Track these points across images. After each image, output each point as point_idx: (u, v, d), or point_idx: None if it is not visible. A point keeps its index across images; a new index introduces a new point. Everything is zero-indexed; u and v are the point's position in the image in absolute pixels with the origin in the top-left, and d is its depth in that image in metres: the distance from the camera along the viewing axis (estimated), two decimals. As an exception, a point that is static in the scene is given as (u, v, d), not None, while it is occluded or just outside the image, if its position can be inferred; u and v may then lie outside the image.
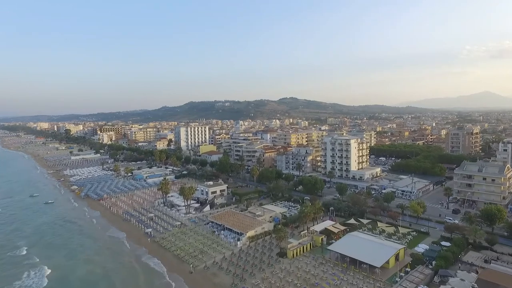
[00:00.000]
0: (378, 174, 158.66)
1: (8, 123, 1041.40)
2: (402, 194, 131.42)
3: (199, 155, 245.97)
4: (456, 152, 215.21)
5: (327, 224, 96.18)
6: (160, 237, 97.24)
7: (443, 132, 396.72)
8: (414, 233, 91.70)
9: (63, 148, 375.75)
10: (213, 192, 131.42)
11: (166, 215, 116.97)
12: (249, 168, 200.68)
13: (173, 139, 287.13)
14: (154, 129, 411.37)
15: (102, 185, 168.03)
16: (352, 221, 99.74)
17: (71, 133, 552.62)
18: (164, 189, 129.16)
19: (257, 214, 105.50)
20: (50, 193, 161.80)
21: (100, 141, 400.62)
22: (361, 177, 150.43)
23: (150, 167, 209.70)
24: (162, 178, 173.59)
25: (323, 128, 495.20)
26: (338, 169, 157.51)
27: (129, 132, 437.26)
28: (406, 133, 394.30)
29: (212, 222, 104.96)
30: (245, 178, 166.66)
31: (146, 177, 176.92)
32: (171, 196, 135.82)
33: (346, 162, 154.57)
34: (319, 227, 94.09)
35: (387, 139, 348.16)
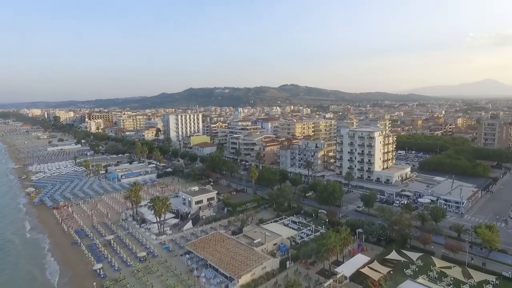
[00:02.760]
0: (408, 175, 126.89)
1: (3, 109, 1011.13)
2: (446, 205, 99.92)
3: (190, 147, 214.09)
4: (490, 146, 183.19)
5: (359, 262, 64.83)
6: (112, 279, 66.03)
7: (459, 121, 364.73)
8: (495, 280, 60.24)
9: (45, 137, 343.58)
10: (198, 202, 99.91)
11: (131, 238, 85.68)
12: (247, 164, 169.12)
13: (161, 129, 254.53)
14: (144, 117, 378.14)
15: (66, 186, 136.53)
16: (394, 254, 68.25)
17: (60, 120, 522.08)
18: (133, 198, 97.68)
19: (255, 242, 73.85)
20: None
21: (88, 129, 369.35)
22: (388, 179, 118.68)
23: (130, 163, 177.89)
24: (140, 177, 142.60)
25: (327, 116, 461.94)
26: (358, 169, 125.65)
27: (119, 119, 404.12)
28: (419, 122, 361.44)
29: (191, 252, 73.68)
30: (241, 178, 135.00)
31: (121, 176, 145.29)
32: (145, 205, 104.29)
33: (369, 160, 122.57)
34: (348, 267, 62.79)
35: (399, 129, 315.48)
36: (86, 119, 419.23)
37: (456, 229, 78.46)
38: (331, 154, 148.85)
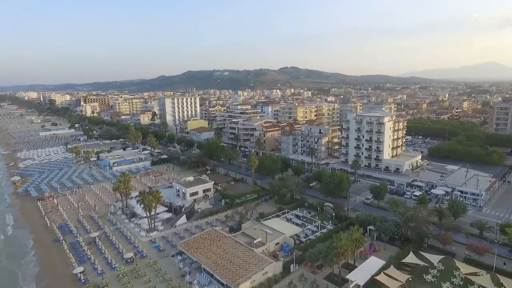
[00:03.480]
0: (419, 164, 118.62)
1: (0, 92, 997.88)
2: (462, 197, 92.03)
3: (187, 132, 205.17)
4: (502, 131, 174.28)
5: (373, 267, 57.12)
6: (93, 285, 58.53)
7: (465, 104, 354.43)
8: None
9: (39, 121, 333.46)
10: (192, 194, 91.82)
11: (119, 234, 78.00)
12: (246, 150, 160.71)
13: (158, 113, 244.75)
14: (141, 100, 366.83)
15: (54, 175, 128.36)
16: (412, 257, 60.56)
17: (55, 104, 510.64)
18: (122, 190, 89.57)
19: (255, 242, 65.97)
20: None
21: (83, 113, 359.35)
22: (398, 168, 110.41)
23: (124, 149, 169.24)
24: (133, 165, 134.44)
25: (329, 99, 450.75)
26: (365, 157, 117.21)
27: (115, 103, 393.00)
28: (424, 105, 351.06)
29: (184, 253, 66.06)
30: (240, 166, 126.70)
31: (113, 163, 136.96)
32: (136, 197, 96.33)
33: (377, 147, 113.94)
34: (360, 274, 55.08)
35: (404, 113, 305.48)
36: (82, 103, 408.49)
37: (479, 226, 70.74)
38: (335, 140, 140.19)
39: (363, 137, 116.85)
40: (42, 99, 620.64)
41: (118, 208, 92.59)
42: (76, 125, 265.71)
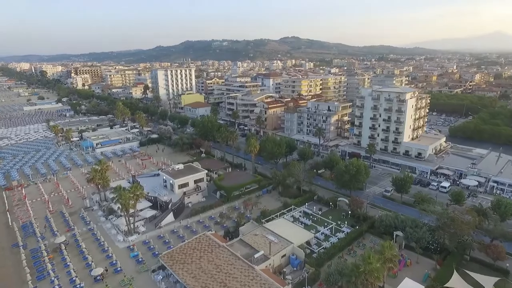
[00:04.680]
0: (443, 147, 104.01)
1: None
2: (498, 189, 78.28)
3: (181, 108, 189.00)
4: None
5: (411, 295, 43.83)
6: (49, 317, 45.58)
7: (477, 77, 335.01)
8: None
9: (26, 94, 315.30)
10: (182, 186, 77.79)
11: (91, 239, 64.51)
12: (246, 129, 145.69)
13: (150, 86, 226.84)
14: (134, 72, 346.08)
15: (29, 158, 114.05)
16: (457, 279, 47.19)
17: (46, 75, 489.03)
18: (97, 180, 75.40)
19: (256, 256, 52.33)
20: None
21: (74, 86, 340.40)
22: (420, 153, 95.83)
23: (111, 127, 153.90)
24: (119, 146, 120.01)
25: (332, 71, 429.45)
26: (382, 139, 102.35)
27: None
28: (434, 78, 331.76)
29: (165, 269, 52.75)
30: (239, 148, 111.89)
31: (96, 144, 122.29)
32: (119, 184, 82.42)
33: (397, 129, 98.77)
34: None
35: (412, 86, 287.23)
36: (72, 75, 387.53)
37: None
38: (346, 119, 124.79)
39: (380, 116, 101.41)
40: (33, 71, 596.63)
41: (95, 202, 78.86)
42: (64, 99, 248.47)
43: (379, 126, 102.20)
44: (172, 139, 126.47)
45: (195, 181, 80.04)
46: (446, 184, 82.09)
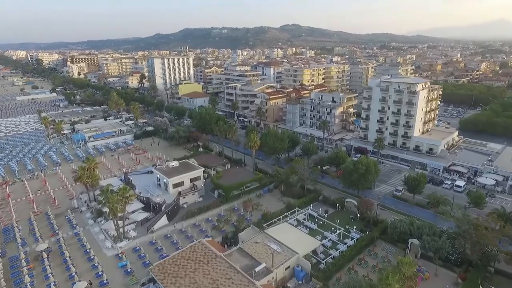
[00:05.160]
0: (456, 142, 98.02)
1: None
2: (520, 189, 72.55)
3: (179, 98, 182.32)
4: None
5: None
6: None
7: (483, 65, 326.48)
8: None
9: (21, 83, 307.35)
10: (177, 185, 72.08)
11: (76, 245, 59.04)
12: (245, 121, 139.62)
13: (147, 75, 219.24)
14: (131, 60, 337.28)
15: (17, 152, 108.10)
16: (483, 298, 41.87)
17: (42, 64, 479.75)
18: (85, 180, 69.59)
19: (257, 270, 46.89)
20: None
21: (70, 75, 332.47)
22: (431, 148, 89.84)
23: (105, 118, 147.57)
24: (112, 139, 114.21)
25: (334, 59, 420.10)
26: (390, 133, 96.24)
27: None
28: (439, 67, 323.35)
29: (155, 282, 47.37)
30: (238, 142, 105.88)
31: (88, 138, 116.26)
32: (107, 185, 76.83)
33: (407, 122, 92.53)
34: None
35: (417, 75, 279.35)
36: (68, 63, 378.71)
37: None
38: (351, 110, 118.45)
39: (388, 108, 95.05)
40: (29, 59, 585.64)
41: (83, 203, 73.24)
42: (57, 89, 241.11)
43: (387, 119, 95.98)
44: (168, 132, 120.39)
45: (191, 180, 74.29)
46: (461, 183, 76.40)
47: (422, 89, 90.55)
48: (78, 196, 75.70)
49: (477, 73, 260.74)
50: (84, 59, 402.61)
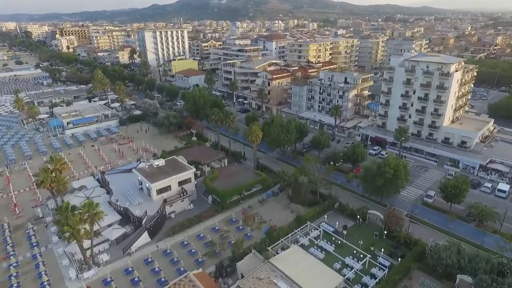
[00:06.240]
0: (491, 132, 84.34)
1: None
2: None
3: (172, 76, 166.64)
4: None
5: None
6: None
7: (499, 39, 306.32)
8: None
9: (6, 58, 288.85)
10: (162, 190, 59.20)
11: (33, 273, 46.83)
12: (245, 103, 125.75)
13: (138, 49, 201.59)
14: (122, 33, 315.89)
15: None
16: None
17: (31, 36, 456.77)
18: (49, 185, 56.60)
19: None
20: None
21: (58, 48, 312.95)
22: (464, 141, 76.33)
23: (90, 99, 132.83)
24: (94, 125, 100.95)
25: (339, 32, 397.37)
26: (414, 122, 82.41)
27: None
28: (451, 41, 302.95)
29: None
30: (237, 129, 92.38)
31: (67, 124, 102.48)
32: (82, 188, 64.27)
33: (436, 110, 78.48)
34: None
35: (429, 50, 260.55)
36: (57, 36, 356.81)
37: None
38: (366, 93, 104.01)
39: (414, 93, 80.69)
40: (18, 31, 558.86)
41: (50, 211, 60.64)
42: (43, 64, 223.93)
43: (411, 105, 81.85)
44: (158, 116, 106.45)
45: (180, 183, 61.35)
46: (504, 186, 63.53)
47: (456, 70, 75.81)
48: (44, 201, 63.05)
49: (494, 47, 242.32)
50: (75, 31, 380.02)
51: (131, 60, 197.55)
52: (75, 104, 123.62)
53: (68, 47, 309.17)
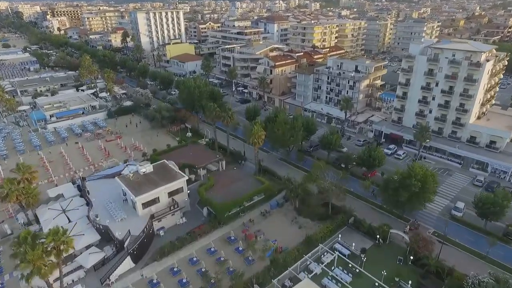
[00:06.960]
0: (521, 130, 75.16)
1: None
2: None
3: (167, 61, 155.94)
4: None
5: None
6: None
7: None
8: None
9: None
10: (148, 203, 50.76)
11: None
12: (245, 92, 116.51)
13: (131, 32, 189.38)
14: (116, 14, 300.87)
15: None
16: None
17: (22, 17, 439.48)
18: (15, 198, 48.20)
19: None
20: None
21: (50, 30, 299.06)
22: (493, 142, 67.39)
23: (77, 88, 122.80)
24: (79, 119, 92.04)
25: (343, 13, 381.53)
26: (436, 118, 73.26)
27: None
28: (462, 22, 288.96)
29: None
30: (237, 124, 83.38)
31: (50, 117, 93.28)
32: (59, 197, 56.00)
33: (461, 105, 69.23)
34: None
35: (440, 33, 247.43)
36: (48, 17, 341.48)
37: None
38: (378, 83, 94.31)
39: (436, 85, 71.22)
40: (9, 11, 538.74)
41: (21, 225, 52.46)
42: (31, 48, 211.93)
43: (433, 99, 72.50)
44: (150, 108, 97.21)
45: (170, 194, 52.93)
46: (544, 197, 55.06)
47: (488, 60, 66.07)
48: (14, 214, 54.79)
49: (508, 30, 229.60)
50: (67, 11, 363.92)
51: (124, 44, 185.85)
52: (61, 94, 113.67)
53: (59, 29, 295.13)
